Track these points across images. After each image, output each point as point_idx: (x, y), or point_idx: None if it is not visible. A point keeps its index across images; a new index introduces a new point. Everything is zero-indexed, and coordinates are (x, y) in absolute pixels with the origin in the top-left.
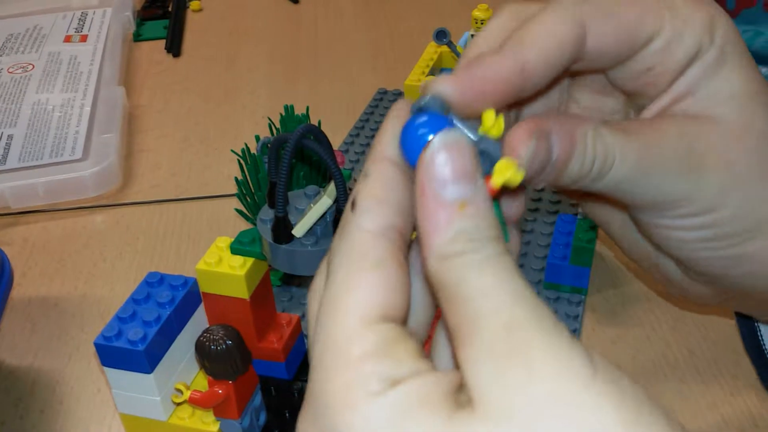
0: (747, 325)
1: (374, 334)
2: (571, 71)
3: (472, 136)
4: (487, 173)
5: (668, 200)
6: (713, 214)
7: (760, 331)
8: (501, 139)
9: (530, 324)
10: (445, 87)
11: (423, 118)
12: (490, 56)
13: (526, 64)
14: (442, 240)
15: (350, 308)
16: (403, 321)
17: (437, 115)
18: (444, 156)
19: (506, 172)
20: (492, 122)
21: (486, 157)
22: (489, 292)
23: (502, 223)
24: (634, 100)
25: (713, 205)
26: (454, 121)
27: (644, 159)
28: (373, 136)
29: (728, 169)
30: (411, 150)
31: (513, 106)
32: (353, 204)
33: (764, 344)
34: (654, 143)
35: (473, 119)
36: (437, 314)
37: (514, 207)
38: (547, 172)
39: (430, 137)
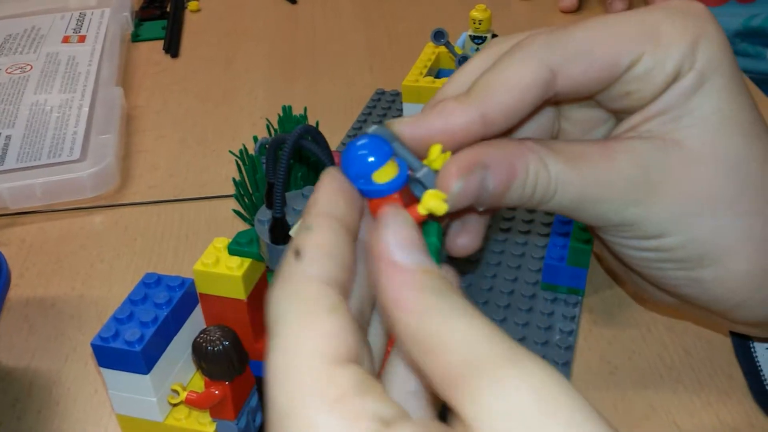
0: (742, 344)
1: (348, 374)
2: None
3: (412, 162)
4: (417, 195)
5: (614, 225)
6: (661, 240)
7: (755, 350)
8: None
9: (503, 359)
10: (402, 128)
11: (364, 140)
12: (452, 105)
13: (487, 115)
14: (410, 299)
15: (314, 351)
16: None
17: (378, 138)
18: (391, 230)
19: (430, 202)
20: (436, 156)
21: (420, 185)
22: (465, 339)
23: (437, 249)
24: (616, 114)
25: (661, 232)
26: (396, 147)
27: (588, 189)
28: None
29: (682, 197)
30: (351, 168)
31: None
32: (297, 253)
33: (759, 363)
34: (602, 173)
35: None
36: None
37: (469, 235)
38: (484, 202)
39: (370, 158)
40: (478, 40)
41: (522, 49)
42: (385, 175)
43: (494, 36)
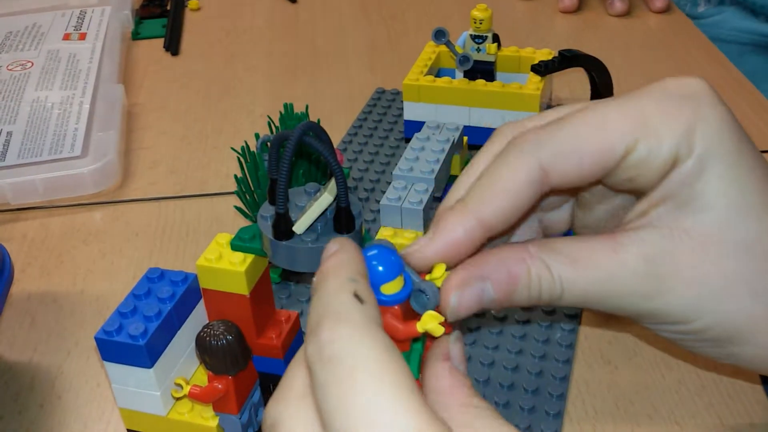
0: None
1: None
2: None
3: (417, 281)
4: (418, 312)
5: (631, 316)
6: (686, 325)
7: None
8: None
9: None
10: (410, 257)
11: (377, 251)
12: (450, 219)
13: (484, 220)
14: None
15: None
16: None
17: (392, 251)
18: None
19: (429, 324)
20: (439, 275)
21: (420, 297)
22: None
23: (417, 365)
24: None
25: (685, 319)
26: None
27: (595, 287)
28: (371, 135)
29: (696, 285)
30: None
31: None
32: (359, 298)
33: None
34: (607, 270)
35: None
36: None
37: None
38: (491, 308)
39: (380, 268)
40: (479, 39)
41: (513, 150)
42: (391, 287)
43: (495, 35)
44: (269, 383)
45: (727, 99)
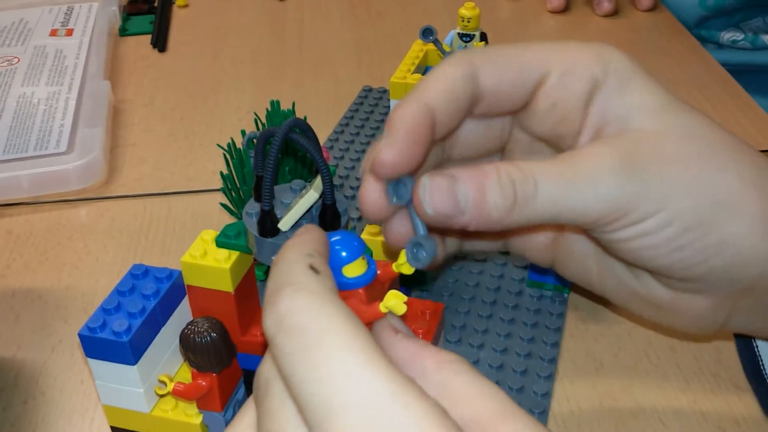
0: (746, 348)
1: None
2: (481, 113)
3: (421, 231)
4: (413, 265)
5: (607, 211)
6: (667, 211)
7: (760, 355)
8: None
9: None
10: (385, 155)
11: (338, 236)
12: (397, 107)
13: (429, 103)
14: None
15: (372, 347)
16: None
17: (352, 235)
18: None
19: (391, 301)
20: (402, 262)
21: (419, 251)
22: None
23: None
24: (558, 144)
25: (661, 203)
26: (410, 209)
27: (569, 174)
28: (357, 133)
29: (664, 161)
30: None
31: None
32: (314, 269)
33: (764, 368)
34: (577, 159)
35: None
36: None
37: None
38: (471, 215)
39: (343, 253)
40: (467, 37)
41: (449, 57)
42: (354, 270)
43: (483, 34)
44: (253, 381)
45: (713, 97)
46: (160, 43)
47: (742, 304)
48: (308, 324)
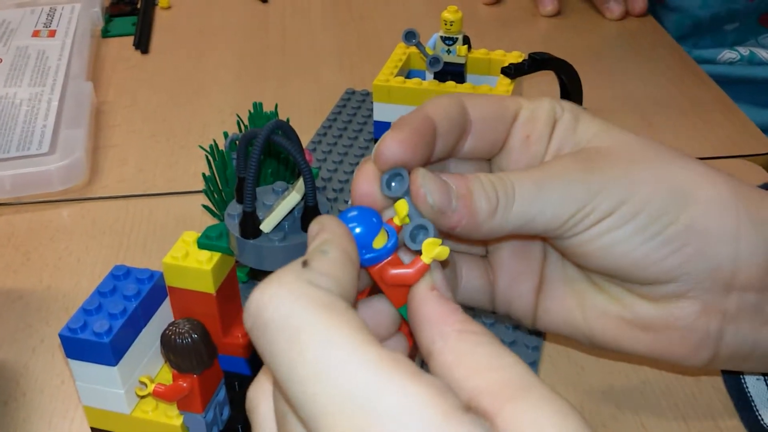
0: (733, 380)
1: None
2: (468, 150)
3: (414, 214)
4: (415, 249)
5: (576, 210)
6: (630, 203)
7: (747, 388)
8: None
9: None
10: (392, 145)
11: (353, 212)
12: (404, 116)
13: (431, 115)
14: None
15: (362, 340)
16: None
17: (366, 209)
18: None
19: (432, 250)
20: (404, 214)
21: (418, 233)
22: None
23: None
24: None
25: (626, 195)
26: (408, 201)
27: (538, 177)
28: (340, 136)
29: (621, 159)
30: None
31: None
32: (305, 263)
33: (752, 400)
34: (546, 167)
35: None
36: None
37: None
38: (461, 213)
39: (357, 230)
40: (449, 41)
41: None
42: (380, 241)
43: (465, 37)
44: (234, 382)
45: (697, 103)
46: (142, 44)
47: (729, 308)
48: (279, 319)
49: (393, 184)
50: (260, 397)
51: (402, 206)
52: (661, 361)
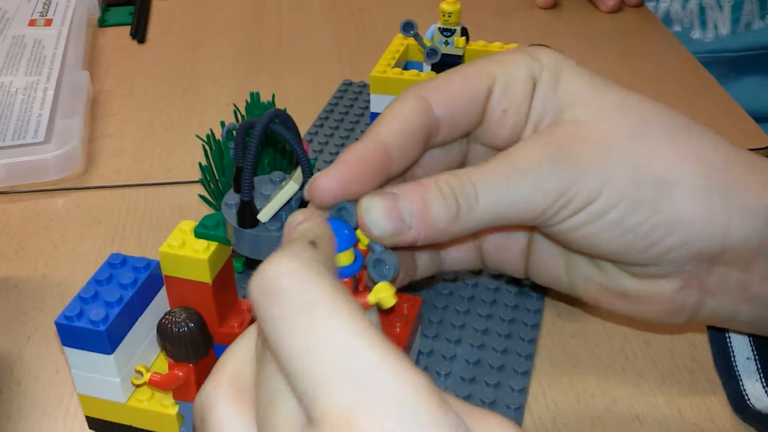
0: (718, 340)
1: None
2: (441, 142)
3: (377, 248)
4: (377, 281)
5: (547, 205)
6: (607, 194)
7: (732, 347)
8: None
9: None
10: (321, 182)
11: (331, 224)
12: (352, 146)
13: (383, 140)
14: None
15: (364, 325)
16: None
17: (345, 224)
18: None
19: (381, 293)
20: (366, 242)
21: (380, 267)
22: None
23: None
24: None
25: (599, 186)
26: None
27: (504, 173)
28: (337, 127)
29: (598, 145)
30: None
31: None
32: (313, 243)
33: (735, 361)
34: (512, 159)
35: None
36: None
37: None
38: (418, 229)
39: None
40: (447, 32)
41: (403, 92)
42: (342, 260)
43: (463, 29)
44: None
45: (693, 95)
46: (139, 34)
47: (710, 284)
48: (296, 289)
49: (348, 212)
50: (220, 399)
51: (362, 234)
52: (637, 320)
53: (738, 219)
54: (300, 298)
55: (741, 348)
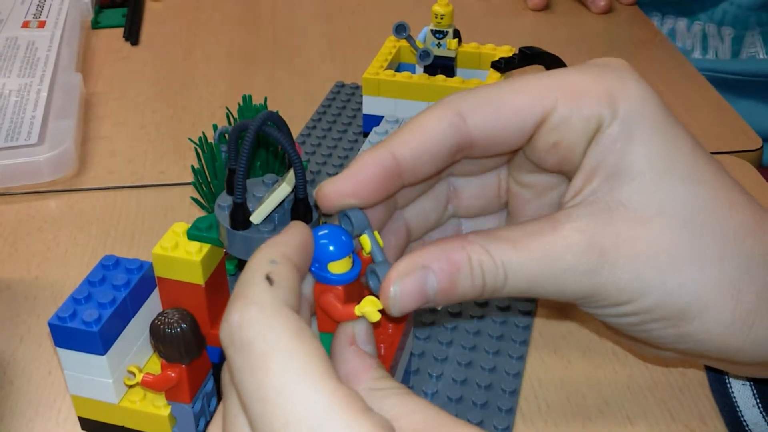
0: (718, 380)
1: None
2: (477, 155)
3: (376, 253)
4: (373, 291)
5: (578, 298)
6: (633, 305)
7: (731, 387)
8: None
9: None
10: (327, 189)
11: (328, 230)
12: (365, 153)
13: (397, 154)
14: None
15: (323, 372)
16: None
17: (344, 231)
18: None
19: (366, 307)
20: (368, 250)
21: (374, 278)
22: None
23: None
24: (564, 175)
25: (629, 297)
26: (367, 233)
27: (537, 266)
28: (330, 129)
29: (638, 259)
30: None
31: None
32: (270, 279)
33: (735, 399)
34: (548, 248)
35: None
36: None
37: None
38: (436, 301)
39: (331, 248)
40: (440, 34)
41: (436, 102)
42: (339, 267)
43: (456, 31)
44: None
45: (685, 97)
46: (132, 36)
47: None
48: (255, 340)
49: (348, 221)
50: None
51: (365, 241)
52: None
53: (752, 348)
54: (257, 349)
55: (743, 396)
